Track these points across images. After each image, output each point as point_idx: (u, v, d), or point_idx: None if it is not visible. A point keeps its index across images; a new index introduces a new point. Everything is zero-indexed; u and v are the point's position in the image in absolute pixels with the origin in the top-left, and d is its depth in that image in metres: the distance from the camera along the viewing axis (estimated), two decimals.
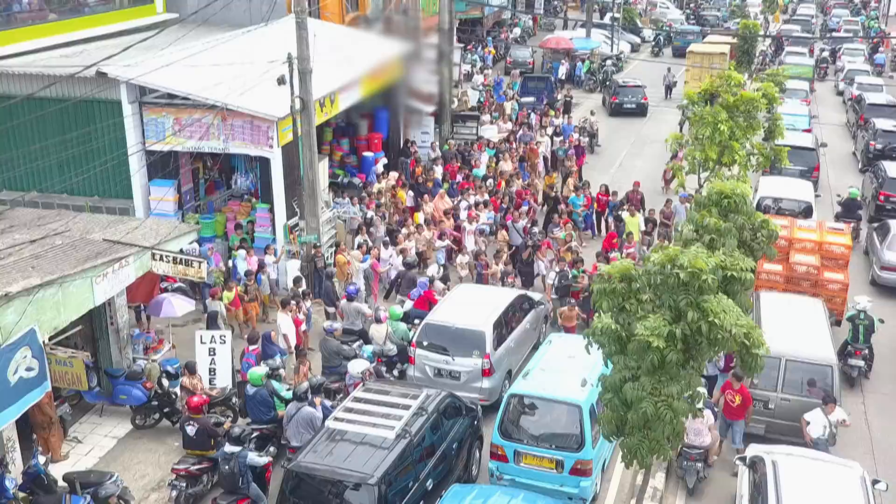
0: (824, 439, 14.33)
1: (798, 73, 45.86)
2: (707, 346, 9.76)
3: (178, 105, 20.96)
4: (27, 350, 12.86)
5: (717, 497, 14.47)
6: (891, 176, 27.27)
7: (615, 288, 10.12)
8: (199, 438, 14.12)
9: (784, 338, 15.78)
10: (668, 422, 9.76)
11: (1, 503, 12.96)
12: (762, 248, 13.43)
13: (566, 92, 42.22)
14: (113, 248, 15.36)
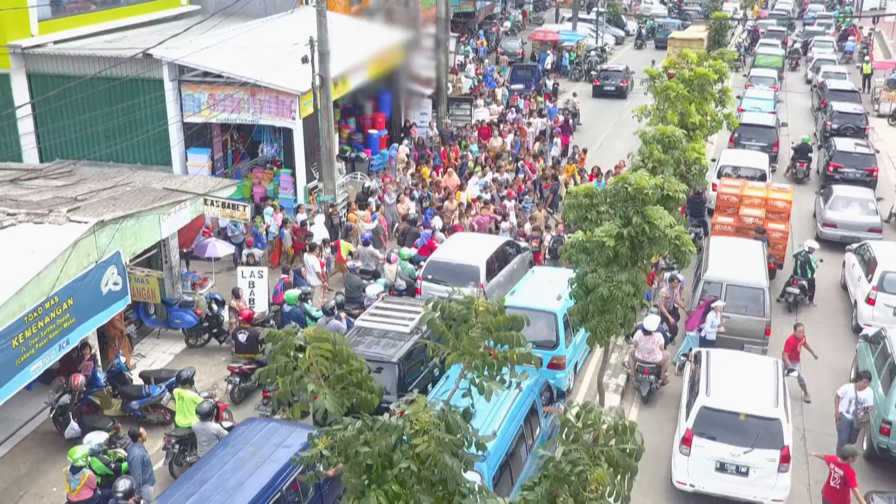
0: (849, 418, 15.08)
1: (768, 62, 49.54)
2: (648, 244, 13.04)
3: (212, 82, 24.20)
4: (114, 268, 16.08)
5: (667, 404, 17.61)
6: (839, 149, 30.73)
7: (580, 202, 13.41)
8: (248, 344, 17.42)
9: (726, 268, 19.27)
10: (619, 301, 13.01)
11: (93, 391, 16.20)
12: (695, 179, 16.80)
13: (554, 80, 45.65)
14: (172, 194, 18.60)
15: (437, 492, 5.97)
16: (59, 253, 14.62)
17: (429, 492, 5.88)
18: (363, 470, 6.09)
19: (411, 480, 5.88)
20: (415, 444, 5.86)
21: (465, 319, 6.77)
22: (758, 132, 33.13)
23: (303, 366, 6.36)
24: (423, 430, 5.91)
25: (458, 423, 6.05)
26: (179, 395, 15.09)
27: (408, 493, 5.90)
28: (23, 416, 16.45)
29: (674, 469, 14.45)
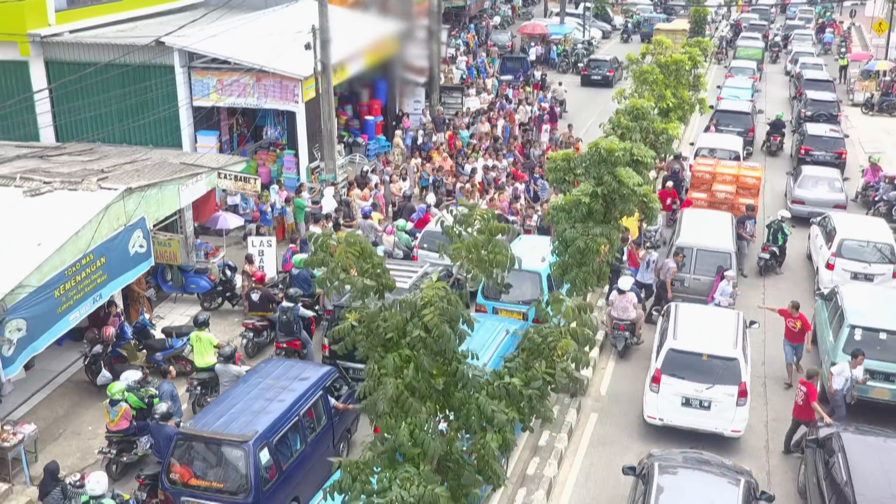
0: (843, 393, 15.72)
1: (748, 54, 51.49)
2: (619, 201, 14.77)
3: (219, 68, 25.84)
4: (140, 232, 17.75)
5: (640, 357, 19.30)
6: (810, 134, 32.57)
7: (559, 166, 15.14)
8: (261, 303, 19.11)
9: (696, 235, 21.09)
10: (595, 252, 14.72)
11: (121, 344, 17.84)
12: (663, 147, 18.57)
13: (542, 71, 47.47)
14: (188, 168, 20.30)
15: (438, 360, 7.63)
16: (93, 216, 16.31)
17: (432, 359, 7.55)
18: (383, 340, 7.78)
19: (419, 345, 7.55)
20: (423, 315, 7.54)
21: (467, 222, 8.48)
22: (735, 118, 34.96)
23: (337, 259, 8.01)
24: (430, 303, 7.61)
25: (456, 301, 7.76)
26: (197, 336, 16.81)
27: (416, 356, 7.58)
28: (57, 368, 18.11)
29: (645, 406, 16.21)
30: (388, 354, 7.60)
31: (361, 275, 7.96)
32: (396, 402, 7.52)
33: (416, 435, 7.50)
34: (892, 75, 45.58)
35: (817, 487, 13.18)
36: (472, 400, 7.80)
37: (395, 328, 7.71)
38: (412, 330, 7.60)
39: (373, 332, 7.76)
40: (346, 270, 7.92)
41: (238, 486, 12.46)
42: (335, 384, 15.04)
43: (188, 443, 12.84)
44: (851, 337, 16.63)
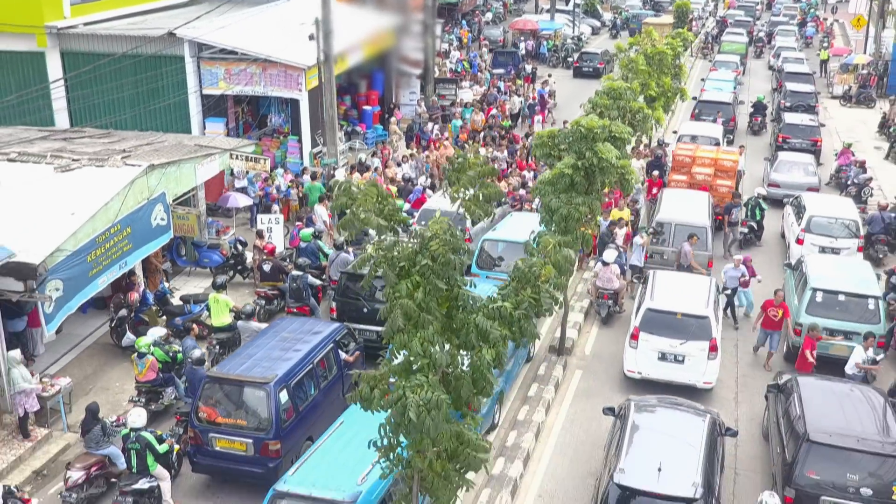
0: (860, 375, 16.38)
1: (732, 49, 53.25)
2: (599, 173, 16.33)
3: (227, 58, 27.34)
4: (161, 206, 19.23)
5: (621, 324, 20.81)
6: (787, 122, 34.26)
7: (545, 142, 16.69)
8: (272, 273, 20.63)
9: (675, 211, 22.67)
10: (576, 219, 16.24)
11: (143, 309, 19.33)
12: (640, 125, 20.16)
13: (533, 65, 49.17)
14: (203, 149, 21.78)
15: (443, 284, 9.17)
16: (120, 189, 17.78)
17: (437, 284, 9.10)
18: (397, 268, 9.30)
19: (428, 272, 9.08)
20: (430, 246, 9.06)
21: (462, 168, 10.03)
22: (717, 108, 36.56)
23: (358, 203, 9.51)
24: (436, 235, 9.12)
25: (457, 234, 9.28)
26: (215, 298, 18.36)
27: (426, 281, 9.10)
28: (83, 333, 19.58)
29: (625, 361, 17.80)
30: (402, 281, 9.12)
31: (378, 216, 9.47)
32: (409, 320, 9.05)
33: (426, 347, 9.04)
34: (870, 69, 47.27)
35: (776, 426, 14.78)
36: (470, 320, 9.34)
37: (407, 258, 9.23)
38: (421, 259, 9.13)
39: (389, 262, 9.28)
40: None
41: (260, 424, 13.98)
42: (343, 340, 16.56)
43: (215, 385, 14.36)
44: (813, 299, 18.26)
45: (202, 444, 14.21)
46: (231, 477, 14.41)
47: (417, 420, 8.91)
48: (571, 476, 14.99)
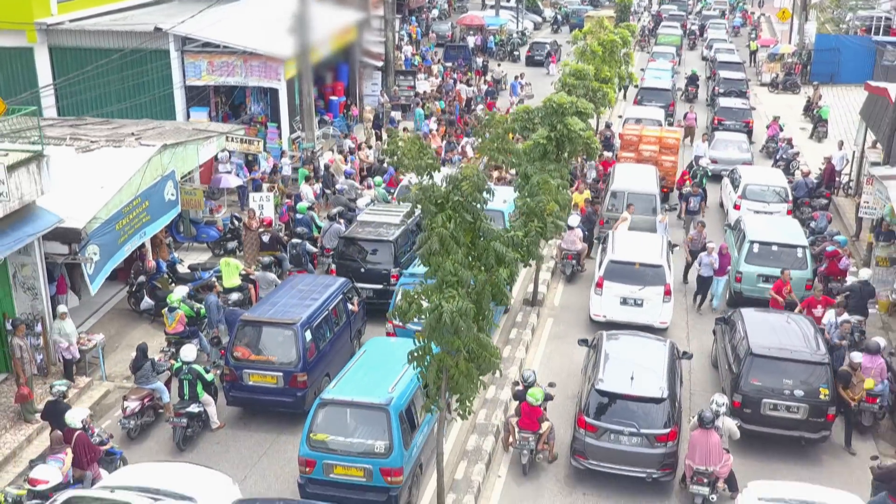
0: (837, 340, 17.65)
1: (668, 41, 56.65)
2: (568, 143, 18.91)
3: (210, 51, 29.33)
4: (171, 182, 21.29)
5: (583, 281, 23.46)
6: (722, 106, 37.51)
7: (522, 117, 19.23)
8: (270, 243, 22.79)
9: (627, 182, 25.46)
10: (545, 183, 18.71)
11: (156, 277, 21.34)
12: (601, 101, 22.90)
13: (483, 58, 52.05)
14: (201, 132, 23.86)
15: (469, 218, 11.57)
16: (140, 166, 19.86)
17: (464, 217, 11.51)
18: (435, 203, 11.63)
19: (459, 207, 11.46)
20: (462, 185, 11.44)
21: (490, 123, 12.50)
22: (657, 94, 39.63)
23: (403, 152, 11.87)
24: (467, 177, 11.50)
25: (484, 176, 11.66)
26: (226, 262, 20.59)
27: (457, 214, 11.48)
28: (101, 300, 21.45)
29: (591, 306, 20.46)
30: (438, 214, 11.49)
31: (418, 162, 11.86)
32: (443, 245, 11.42)
33: (455, 268, 11.43)
34: (794, 58, 50.95)
35: (724, 351, 17.56)
36: (490, 246, 11.75)
37: (443, 196, 11.60)
38: (453, 196, 11.51)
39: (429, 199, 11.62)
40: None
41: (288, 359, 16.25)
42: (349, 293, 18.88)
43: (248, 327, 16.58)
44: (751, 250, 21.14)
45: (237, 380, 16.42)
46: (263, 407, 16.64)
47: (451, 324, 11.34)
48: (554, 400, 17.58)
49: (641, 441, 14.45)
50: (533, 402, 14.81)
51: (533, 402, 14.81)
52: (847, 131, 36.35)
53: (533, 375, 15.43)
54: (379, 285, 20.56)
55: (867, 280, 20.04)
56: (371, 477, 13.40)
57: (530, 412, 14.86)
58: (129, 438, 15.83)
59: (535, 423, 14.88)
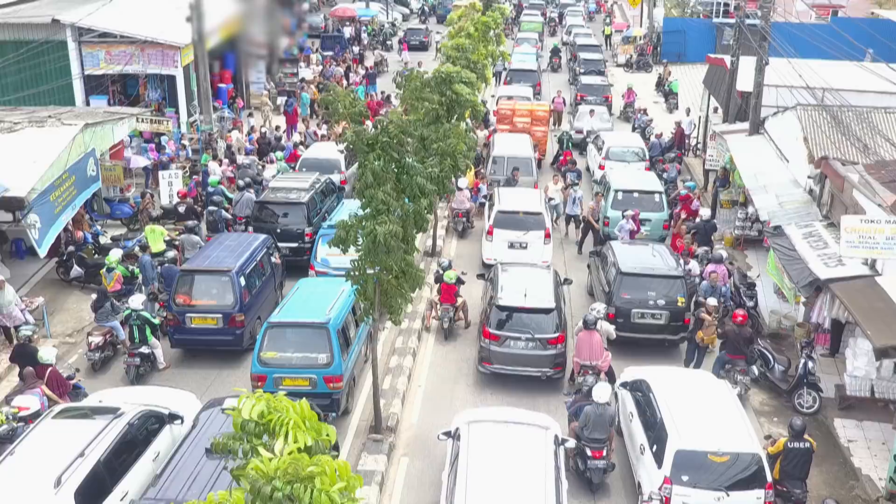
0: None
1: (531, 28, 60.54)
2: (457, 107, 21.66)
3: (108, 41, 30.75)
4: (92, 159, 22.94)
5: (474, 236, 26.47)
6: (584, 83, 41.28)
7: (416, 86, 21.86)
8: (186, 213, 24.71)
9: (506, 148, 28.61)
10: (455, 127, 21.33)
11: (81, 247, 22.92)
12: (481, 73, 25.86)
13: (360, 48, 54.47)
14: (114, 114, 25.49)
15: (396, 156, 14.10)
16: (67, 143, 21.50)
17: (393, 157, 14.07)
18: (367, 144, 14.08)
19: (387, 147, 13.98)
20: (389, 129, 13.95)
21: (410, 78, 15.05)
22: (525, 75, 43.12)
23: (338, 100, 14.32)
24: (393, 122, 14.02)
25: (408, 122, 14.21)
26: (151, 229, 22.48)
27: (385, 153, 13.98)
28: (29, 272, 22.93)
29: (483, 251, 23.43)
30: (370, 153, 14.02)
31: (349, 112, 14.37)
32: (375, 179, 13.94)
33: (386, 198, 13.99)
34: (646, 40, 55.55)
35: (598, 278, 20.77)
36: (413, 181, 14.37)
37: (373, 138, 14.10)
38: (382, 138, 14.04)
39: (361, 141, 14.11)
40: None
41: (226, 302, 18.42)
42: (271, 248, 21.13)
43: (188, 276, 18.67)
44: (616, 197, 24.52)
45: (180, 324, 18.49)
46: (205, 346, 18.76)
47: (385, 244, 13.92)
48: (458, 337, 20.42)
49: (536, 345, 17.43)
50: (448, 280, 19.63)
51: (448, 281, 19.64)
52: (694, 102, 40.58)
53: (447, 262, 20.20)
54: (294, 244, 22.87)
55: (707, 219, 23.72)
56: (316, 385, 15.83)
57: (447, 289, 19.75)
58: (94, 370, 17.78)
59: (453, 298, 19.84)
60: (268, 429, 7.40)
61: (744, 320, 17.22)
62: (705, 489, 12.88)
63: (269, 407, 7.44)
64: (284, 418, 7.32)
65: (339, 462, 6.87)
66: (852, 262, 16.56)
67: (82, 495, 11.73)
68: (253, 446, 7.36)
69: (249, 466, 6.95)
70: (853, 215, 15.92)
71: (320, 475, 6.65)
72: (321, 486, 6.60)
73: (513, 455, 12.89)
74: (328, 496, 6.56)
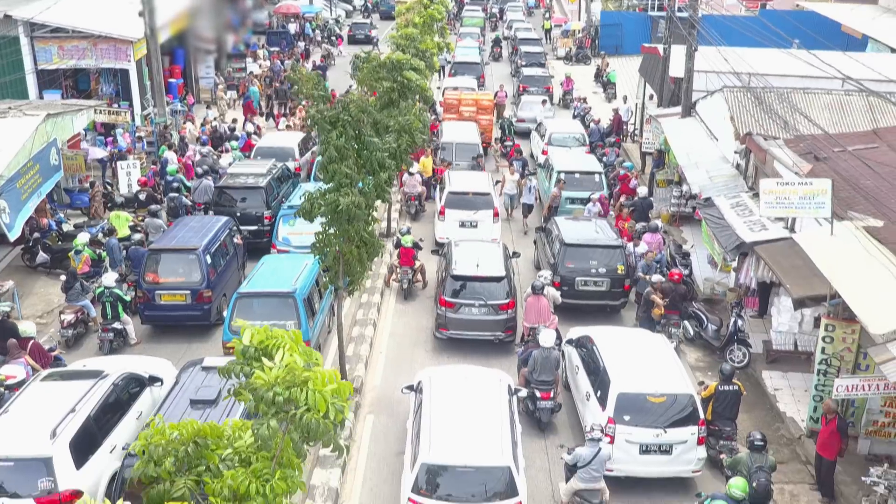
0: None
1: (473, 22, 62.06)
2: (408, 92, 22.87)
3: (61, 36, 31.29)
4: (54, 149, 23.62)
5: (426, 218, 27.70)
6: (526, 75, 42.81)
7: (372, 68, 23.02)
8: (146, 200, 25.52)
9: (454, 135, 29.95)
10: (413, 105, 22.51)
11: (47, 235, 23.58)
12: (429, 60, 27.18)
13: (306, 42, 55.42)
14: (72, 106, 26.16)
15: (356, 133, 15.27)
16: (31, 132, 22.17)
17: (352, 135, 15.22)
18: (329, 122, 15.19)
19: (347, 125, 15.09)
20: (350, 108, 15.10)
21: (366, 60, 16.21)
22: (469, 68, 44.51)
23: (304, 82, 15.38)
24: (353, 101, 15.15)
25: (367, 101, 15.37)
26: (116, 215, 23.30)
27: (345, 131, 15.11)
28: None
29: (435, 231, 24.72)
30: (333, 130, 15.15)
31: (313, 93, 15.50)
32: (338, 153, 15.07)
33: (349, 172, 15.13)
34: (584, 33, 57.34)
35: (543, 251, 22.17)
36: (373, 156, 15.54)
37: (335, 116, 15.23)
38: (343, 116, 15.19)
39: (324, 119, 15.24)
40: None
41: (194, 278, 19.37)
42: (233, 229, 22.10)
43: (156, 255, 19.58)
44: (558, 178, 25.95)
45: (150, 301, 19.40)
46: (174, 322, 19.69)
47: (347, 213, 15.07)
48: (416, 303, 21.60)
49: (488, 311, 18.74)
50: (406, 244, 21.55)
51: (406, 245, 21.55)
52: (631, 91, 42.29)
53: (406, 228, 22.08)
54: (254, 226, 23.85)
55: (644, 196, 25.30)
56: None
57: (406, 252, 21.61)
58: (67, 347, 18.58)
59: (411, 261, 21.73)
60: (266, 353, 8.58)
61: (679, 279, 18.79)
62: (645, 427, 14.29)
63: (266, 335, 8.63)
64: (280, 342, 8.51)
65: (329, 370, 8.07)
66: (774, 227, 18.17)
67: (76, 446, 12.69)
68: (252, 368, 8.53)
69: (252, 379, 8.12)
70: (771, 178, 17.49)
71: (314, 380, 7.83)
72: (314, 387, 7.79)
73: (471, 402, 14.17)
74: (321, 395, 7.75)
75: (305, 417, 7.84)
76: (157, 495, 8.23)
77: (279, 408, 8.01)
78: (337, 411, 7.94)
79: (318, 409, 7.87)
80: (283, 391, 7.83)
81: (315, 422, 7.82)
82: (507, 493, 12.58)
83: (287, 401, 7.83)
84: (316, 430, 7.82)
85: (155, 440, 8.38)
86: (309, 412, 7.87)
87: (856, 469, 14.82)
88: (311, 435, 7.88)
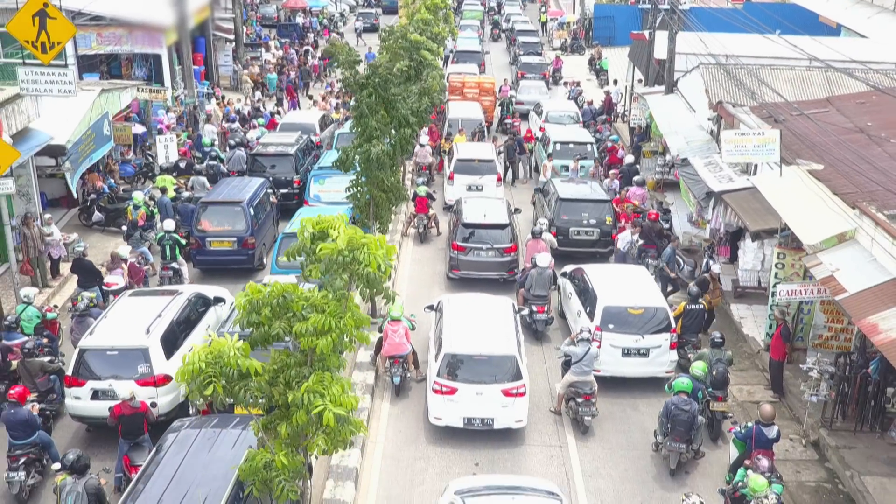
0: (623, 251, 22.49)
1: (472, 16, 65.14)
2: (423, 68, 25.80)
3: (100, 24, 34.22)
4: (107, 121, 26.62)
5: (437, 188, 30.73)
6: (523, 62, 45.93)
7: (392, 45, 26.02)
8: (186, 168, 28.50)
9: (459, 112, 33.07)
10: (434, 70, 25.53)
11: (101, 197, 26.57)
12: (441, 42, 30.20)
13: (314, 35, 58.51)
14: (117, 84, 29.14)
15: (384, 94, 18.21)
16: (89, 105, 25.17)
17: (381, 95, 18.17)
18: (359, 84, 18.17)
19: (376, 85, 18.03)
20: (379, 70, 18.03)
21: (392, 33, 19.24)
22: (470, 56, 47.62)
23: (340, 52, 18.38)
24: (381, 65, 18.12)
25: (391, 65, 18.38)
26: (163, 178, 26.31)
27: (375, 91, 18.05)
28: (57, 216, 26.53)
29: (445, 194, 27.72)
30: (364, 90, 18.15)
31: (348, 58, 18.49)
32: (369, 109, 18.06)
33: (378, 125, 18.13)
34: (578, 25, 60.43)
35: (541, 208, 25.23)
36: (399, 115, 18.57)
37: (366, 77, 18.23)
38: (373, 78, 18.19)
39: (356, 82, 18.24)
40: None
41: (240, 227, 22.38)
42: (269, 189, 25.09)
43: (207, 206, 22.59)
44: (555, 148, 29.02)
45: (201, 247, 22.40)
46: (221, 266, 22.68)
47: (377, 160, 18.11)
48: (431, 250, 24.61)
49: (494, 254, 21.79)
50: (421, 193, 24.99)
51: (421, 194, 24.99)
52: (622, 79, 45.44)
53: (421, 181, 25.49)
54: (285, 189, 26.85)
55: (631, 163, 28.37)
56: None
57: (421, 201, 25.08)
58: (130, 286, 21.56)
59: (425, 208, 25.24)
60: (322, 235, 11.52)
61: (656, 217, 21.98)
62: (626, 334, 17.34)
63: (322, 220, 11.56)
64: (335, 223, 11.47)
65: (381, 236, 11.07)
66: (739, 179, 21.23)
67: (165, 341, 15.72)
68: (312, 249, 11.45)
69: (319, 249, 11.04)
70: (731, 130, 20.54)
71: (370, 244, 10.80)
72: (371, 250, 10.75)
73: (482, 312, 17.25)
74: (375, 257, 10.71)
75: (367, 271, 10.79)
76: (259, 335, 11.18)
77: (346, 266, 10.92)
78: (387, 266, 10.90)
79: (373, 266, 10.77)
80: (348, 253, 10.74)
81: (373, 274, 10.76)
82: (514, 377, 15.64)
83: (353, 260, 10.74)
84: (374, 280, 10.78)
85: (255, 295, 11.30)
86: (367, 267, 10.79)
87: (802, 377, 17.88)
88: (371, 284, 10.82)
